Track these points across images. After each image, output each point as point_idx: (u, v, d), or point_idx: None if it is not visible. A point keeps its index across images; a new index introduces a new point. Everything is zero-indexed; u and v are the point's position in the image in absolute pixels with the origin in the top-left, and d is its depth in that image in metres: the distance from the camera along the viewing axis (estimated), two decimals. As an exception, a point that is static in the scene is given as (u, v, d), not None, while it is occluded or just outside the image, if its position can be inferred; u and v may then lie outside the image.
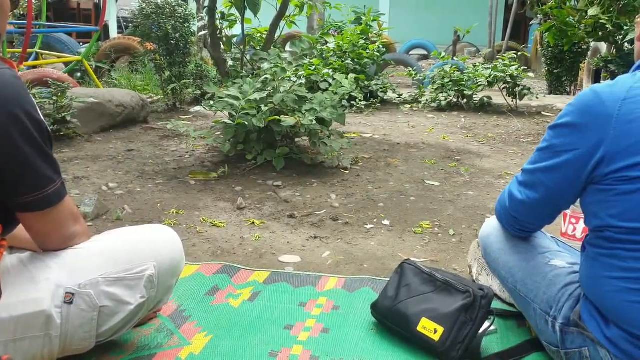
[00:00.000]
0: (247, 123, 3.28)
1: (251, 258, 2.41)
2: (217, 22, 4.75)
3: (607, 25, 4.59)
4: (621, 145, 1.21)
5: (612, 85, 1.27)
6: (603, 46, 6.70)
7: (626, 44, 5.40)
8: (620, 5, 4.66)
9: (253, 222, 2.81)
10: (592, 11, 4.52)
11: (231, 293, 2.10)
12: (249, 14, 4.75)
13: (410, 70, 7.47)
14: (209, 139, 3.59)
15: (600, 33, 4.78)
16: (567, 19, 4.95)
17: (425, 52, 12.73)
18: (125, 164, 3.88)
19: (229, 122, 3.47)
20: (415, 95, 6.94)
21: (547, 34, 5.28)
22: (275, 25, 4.77)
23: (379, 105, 6.39)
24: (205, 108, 3.65)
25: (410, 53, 12.53)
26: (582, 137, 1.28)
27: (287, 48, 9.49)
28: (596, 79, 7.43)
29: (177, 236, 1.66)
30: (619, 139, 1.21)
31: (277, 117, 3.33)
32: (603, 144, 1.24)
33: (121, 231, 1.63)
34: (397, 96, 6.93)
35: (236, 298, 2.06)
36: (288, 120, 3.25)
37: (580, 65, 8.36)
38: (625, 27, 4.87)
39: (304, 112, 3.41)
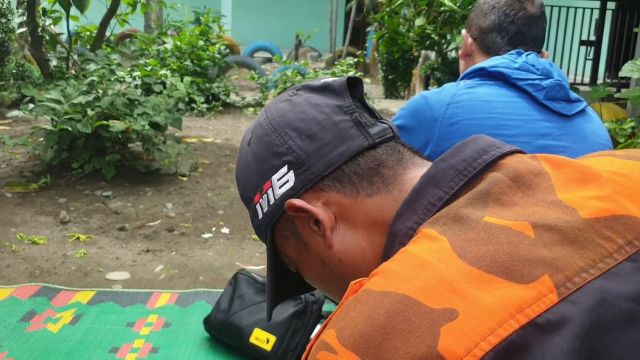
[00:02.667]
0: (70, 129, 3.02)
1: (74, 277, 2.21)
2: (39, 18, 4.35)
3: (432, 35, 4.93)
4: (444, 146, 1.28)
5: (439, 91, 1.35)
6: (432, 54, 7.21)
7: (450, 53, 5.84)
8: (445, 17, 5.02)
9: (78, 237, 2.59)
10: (418, 21, 4.82)
11: (50, 317, 1.91)
12: (75, 10, 4.41)
13: (252, 74, 7.46)
14: (28, 146, 3.26)
15: (426, 42, 5.12)
16: (398, 28, 5.24)
17: (270, 55, 12.82)
18: None
19: (50, 128, 3.17)
20: (259, 98, 6.95)
21: (380, 41, 5.54)
22: (105, 23, 4.48)
23: (221, 108, 6.28)
24: (24, 112, 3.31)
25: (255, 55, 12.54)
26: (412, 139, 1.34)
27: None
28: (426, 84, 7.98)
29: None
30: (443, 139, 1.29)
31: (106, 122, 3.11)
32: (429, 144, 1.31)
33: None
34: (241, 99, 6.88)
35: (55, 322, 1.88)
36: (117, 125, 3.05)
37: (413, 71, 8.92)
38: (448, 37, 5.27)
39: (135, 116, 3.22)
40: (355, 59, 7.56)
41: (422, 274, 0.47)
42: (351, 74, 6.44)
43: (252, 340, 1.66)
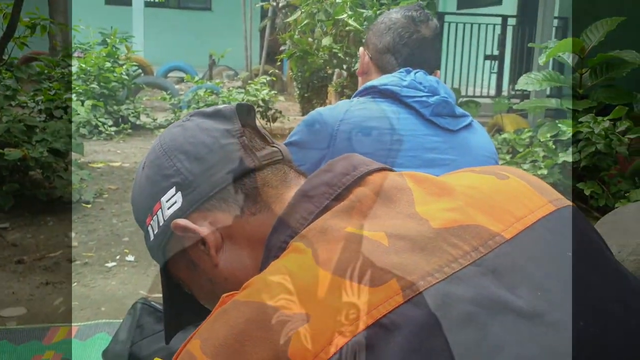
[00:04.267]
0: (-39, 159, 2.87)
1: (-36, 317, 2.10)
2: None
3: (339, 54, 5.05)
4: None
5: (334, 108, 1.40)
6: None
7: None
8: (351, 35, 5.16)
9: (-30, 274, 2.46)
10: (325, 41, 4.93)
11: None
12: (-33, 34, 4.19)
13: (164, 94, 7.34)
14: None
15: (334, 61, 5.24)
16: (307, 47, 5.34)
17: (185, 75, 12.64)
18: None
19: (-61, 159, 3.00)
20: (171, 119, 6.84)
21: (290, 60, 5.62)
22: (1, 47, 4.28)
23: (130, 131, 6.12)
24: None
25: (169, 75, 12.34)
26: (307, 154, 1.36)
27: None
28: (341, 100, 8.11)
29: None
30: (337, 154, 1.31)
31: (1, 151, 2.98)
32: (324, 160, 1.33)
33: None
34: (152, 121, 6.74)
35: (-60, 368, 1.77)
36: (13, 154, 2.93)
37: (329, 88, 9.06)
38: (356, 55, 5.42)
39: (34, 143, 3.10)
40: (269, 78, 7.60)
41: (283, 283, 0.50)
42: (265, 92, 6.47)
43: (152, 370, 1.63)
